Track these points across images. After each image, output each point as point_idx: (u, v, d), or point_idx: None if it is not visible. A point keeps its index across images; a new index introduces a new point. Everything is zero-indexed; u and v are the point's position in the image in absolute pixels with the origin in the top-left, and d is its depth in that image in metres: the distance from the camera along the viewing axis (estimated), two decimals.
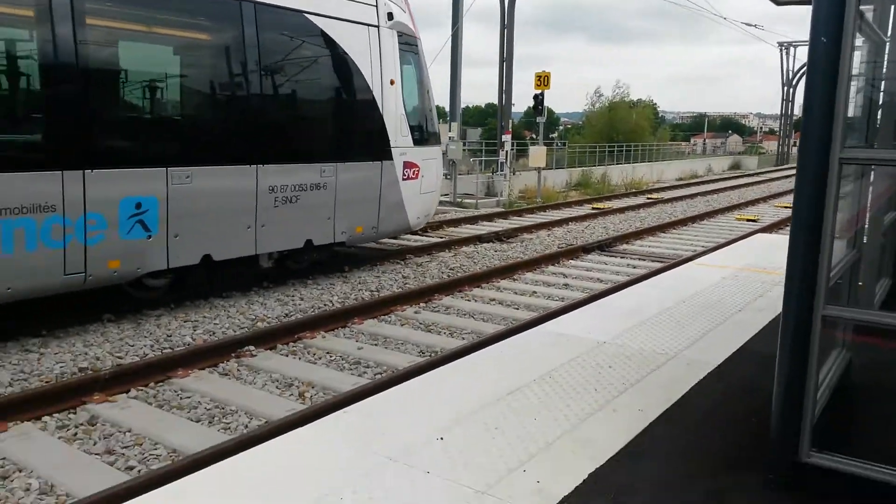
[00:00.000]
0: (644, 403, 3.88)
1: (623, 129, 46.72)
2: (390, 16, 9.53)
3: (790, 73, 50.84)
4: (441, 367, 4.43)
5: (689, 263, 8.35)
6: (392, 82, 9.56)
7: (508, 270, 10.02)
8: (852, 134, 3.63)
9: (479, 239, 12.74)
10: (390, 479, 2.92)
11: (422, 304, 8.16)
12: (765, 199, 22.91)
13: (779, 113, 56.35)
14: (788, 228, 2.96)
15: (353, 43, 8.99)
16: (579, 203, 20.33)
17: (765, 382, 4.26)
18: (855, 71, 3.01)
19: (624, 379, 4.26)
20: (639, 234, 13.99)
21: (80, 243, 6.43)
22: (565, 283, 9.50)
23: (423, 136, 10.38)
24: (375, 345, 6.67)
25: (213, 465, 3.11)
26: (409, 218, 10.27)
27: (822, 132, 2.82)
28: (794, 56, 50.08)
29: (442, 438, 3.31)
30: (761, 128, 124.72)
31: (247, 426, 4.81)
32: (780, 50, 50.32)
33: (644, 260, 11.50)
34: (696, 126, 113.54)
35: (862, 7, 2.73)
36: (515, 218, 16.76)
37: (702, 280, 7.18)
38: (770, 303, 6.27)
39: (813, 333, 2.93)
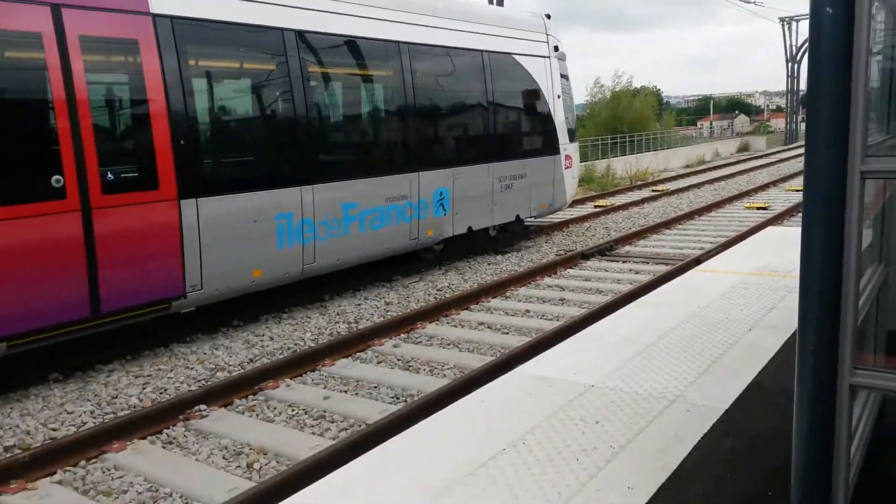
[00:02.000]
0: (635, 477, 3.15)
1: (627, 118, 45.65)
2: (556, 48, 12.87)
3: (793, 48, 49.68)
4: (392, 441, 3.71)
5: (694, 270, 7.59)
6: (559, 97, 12.84)
7: (500, 287, 9.30)
8: (872, 128, 2.89)
9: (471, 251, 12.02)
10: None
11: (403, 335, 7.46)
12: (775, 183, 21.99)
13: (785, 90, 55.22)
14: (800, 217, 2.22)
15: (538, 72, 12.38)
16: (581, 202, 19.53)
17: (783, 433, 3.53)
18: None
19: (613, 439, 3.54)
20: (642, 234, 13.21)
21: (417, 219, 9.85)
22: (561, 298, 8.76)
23: (572, 135, 13.54)
24: (345, 391, 5.98)
25: None
26: (567, 196, 13.51)
27: (835, 141, 2.09)
28: (797, 31, 48.96)
29: None
30: (768, 106, 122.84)
31: None
32: (782, 25, 49.19)
33: (647, 263, 10.73)
34: (701, 109, 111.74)
35: None
36: None
37: (708, 291, 6.42)
38: (785, 316, 5.51)
39: (839, 407, 2.20)
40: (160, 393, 6.04)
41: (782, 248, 8.23)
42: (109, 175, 6.31)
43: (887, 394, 2.79)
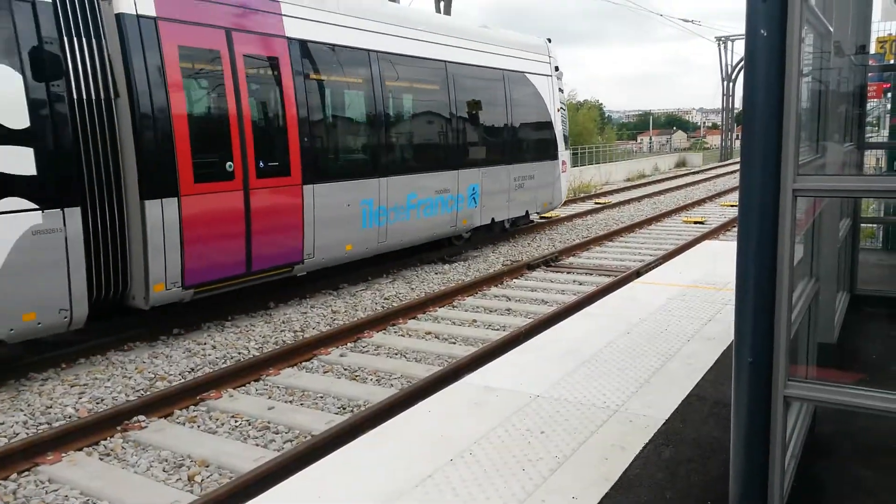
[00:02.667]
0: (579, 487, 3.23)
1: (571, 131, 46.43)
2: (556, 68, 15.19)
3: (729, 67, 51.64)
4: (338, 452, 3.69)
5: (635, 282, 7.81)
6: (558, 110, 15.13)
7: (447, 296, 9.35)
8: (803, 147, 3.06)
9: (419, 260, 12.05)
10: None
11: (349, 344, 7.42)
12: (710, 199, 22.79)
13: (720, 107, 57.29)
14: (735, 232, 2.33)
15: (544, 88, 14.65)
16: None
17: (720, 442, 3.68)
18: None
19: (558, 449, 3.62)
20: (585, 245, 13.50)
21: (456, 209, 11.92)
22: (507, 308, 8.88)
23: (566, 143, 15.82)
24: (290, 402, 5.91)
25: None
26: (563, 196, 16.00)
27: (768, 160, 2.21)
28: (732, 50, 50.93)
29: None
30: (704, 123, 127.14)
31: None
32: (718, 45, 51.10)
33: (591, 274, 10.97)
34: (641, 124, 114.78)
35: None
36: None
37: (647, 303, 6.62)
38: (722, 328, 5.73)
39: (774, 417, 2.32)
40: (97, 403, 5.84)
41: (718, 261, 8.56)
42: (261, 163, 8.13)
43: (819, 404, 2.95)
